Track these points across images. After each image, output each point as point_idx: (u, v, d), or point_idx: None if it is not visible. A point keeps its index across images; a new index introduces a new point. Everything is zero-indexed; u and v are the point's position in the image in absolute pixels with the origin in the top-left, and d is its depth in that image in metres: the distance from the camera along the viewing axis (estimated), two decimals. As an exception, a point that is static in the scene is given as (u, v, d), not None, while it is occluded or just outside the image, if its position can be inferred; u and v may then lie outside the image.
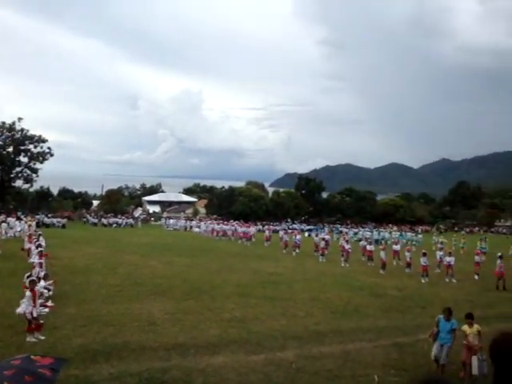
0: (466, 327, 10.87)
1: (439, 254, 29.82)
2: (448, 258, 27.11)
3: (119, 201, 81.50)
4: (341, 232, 55.55)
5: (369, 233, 56.13)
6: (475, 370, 10.24)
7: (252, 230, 48.73)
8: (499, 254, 26.15)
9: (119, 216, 67.64)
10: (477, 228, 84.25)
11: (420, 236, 53.80)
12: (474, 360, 10.24)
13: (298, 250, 36.34)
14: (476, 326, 10.84)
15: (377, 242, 45.25)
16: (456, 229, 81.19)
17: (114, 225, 62.68)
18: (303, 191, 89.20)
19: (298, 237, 38.35)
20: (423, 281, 25.44)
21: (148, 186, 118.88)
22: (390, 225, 74.81)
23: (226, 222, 56.77)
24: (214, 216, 76.53)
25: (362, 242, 37.47)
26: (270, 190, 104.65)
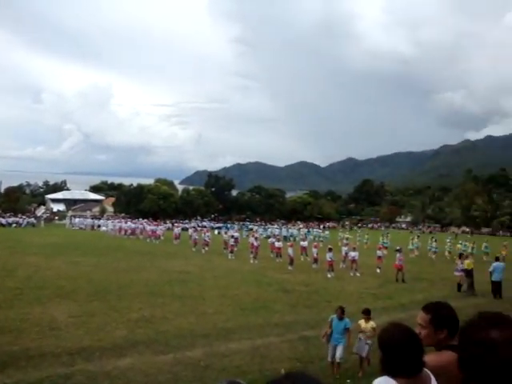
0: (362, 321, 11.14)
1: (344, 249, 30.72)
2: (352, 253, 28.14)
3: (19, 199, 77.53)
4: (250, 229, 56.21)
5: (277, 230, 57.31)
6: (355, 349, 10.68)
7: (161, 228, 48.08)
8: (398, 247, 27.64)
9: (19, 215, 64.20)
10: (379, 224, 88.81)
11: (327, 232, 55.57)
12: (357, 341, 10.69)
13: (207, 248, 36.25)
14: (371, 323, 10.95)
15: (285, 238, 46.29)
16: (359, 225, 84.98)
17: (14, 224, 59.38)
18: (213, 189, 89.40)
19: (208, 234, 38.31)
20: (329, 275, 26.20)
21: (52, 183, 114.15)
22: (298, 222, 76.76)
23: (134, 221, 55.62)
24: (122, 214, 74.77)
25: (271, 239, 37.94)
26: (180, 187, 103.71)
